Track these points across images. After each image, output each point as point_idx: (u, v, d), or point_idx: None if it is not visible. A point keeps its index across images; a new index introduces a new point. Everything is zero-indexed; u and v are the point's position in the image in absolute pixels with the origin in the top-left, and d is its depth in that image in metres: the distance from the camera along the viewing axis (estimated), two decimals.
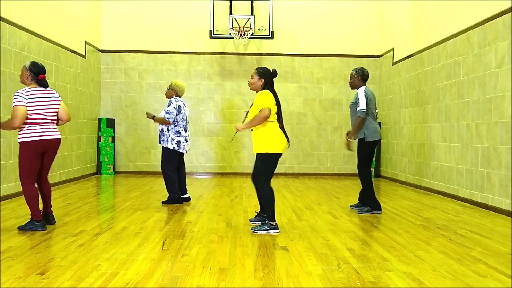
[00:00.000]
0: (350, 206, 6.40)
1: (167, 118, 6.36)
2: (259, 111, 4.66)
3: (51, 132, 4.77)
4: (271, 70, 4.89)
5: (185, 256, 3.82)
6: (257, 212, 5.23)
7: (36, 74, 4.73)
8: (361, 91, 5.88)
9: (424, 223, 5.38)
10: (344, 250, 4.08)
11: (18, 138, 4.66)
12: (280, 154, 4.78)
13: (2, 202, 6.34)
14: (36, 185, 4.90)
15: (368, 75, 6.06)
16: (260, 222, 4.97)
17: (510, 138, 5.89)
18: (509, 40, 5.97)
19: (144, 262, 3.64)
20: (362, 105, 5.78)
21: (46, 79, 4.86)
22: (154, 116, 6.58)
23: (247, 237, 4.54)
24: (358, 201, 6.33)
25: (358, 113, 5.80)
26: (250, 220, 5.23)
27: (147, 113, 6.72)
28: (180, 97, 6.63)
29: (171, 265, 3.57)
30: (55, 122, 4.88)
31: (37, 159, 4.70)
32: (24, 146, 4.63)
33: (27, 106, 4.58)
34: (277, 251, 4.03)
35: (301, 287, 3.12)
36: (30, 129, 4.63)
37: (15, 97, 4.57)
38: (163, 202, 6.53)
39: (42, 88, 4.75)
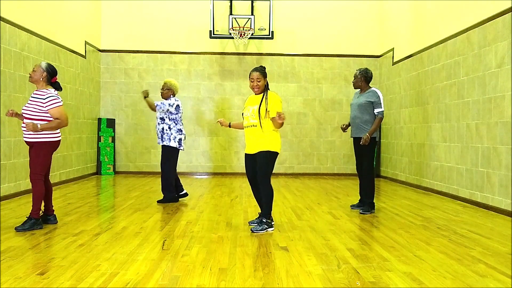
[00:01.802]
0: (351, 206, 6.40)
1: (157, 105, 6.39)
2: (283, 118, 4.70)
3: (60, 133, 4.99)
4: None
5: (185, 256, 3.82)
6: (259, 213, 5.18)
7: (52, 75, 4.85)
8: (379, 93, 6.03)
9: (424, 223, 5.38)
10: (344, 250, 4.08)
11: (37, 138, 4.71)
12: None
13: (2, 202, 6.34)
14: None
15: (371, 76, 6.20)
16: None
17: (510, 138, 5.89)
18: (509, 40, 5.97)
19: (144, 262, 3.64)
20: (383, 107, 6.00)
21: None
22: (148, 95, 6.54)
23: (247, 237, 4.54)
24: (358, 201, 6.36)
25: (379, 114, 5.94)
26: (250, 222, 5.17)
27: (144, 91, 6.58)
28: (174, 95, 6.62)
29: (171, 265, 3.57)
30: None
31: (51, 157, 4.89)
32: (47, 145, 4.76)
33: None
34: (277, 251, 4.03)
35: (301, 287, 3.12)
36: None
37: (55, 97, 4.73)
38: (159, 201, 6.54)
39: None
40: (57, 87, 4.92)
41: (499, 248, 4.24)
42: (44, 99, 4.69)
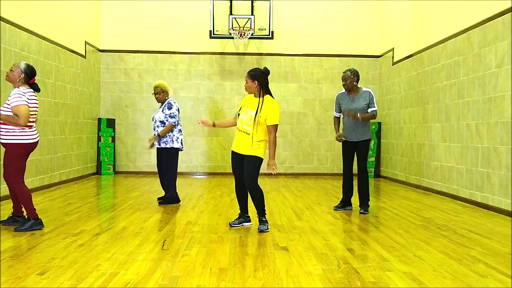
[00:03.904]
0: (334, 207, 6.30)
1: (173, 122, 6.29)
2: (274, 131, 4.71)
3: (37, 135, 4.82)
4: (262, 70, 4.84)
5: (185, 256, 3.82)
6: (240, 214, 5.14)
7: (30, 77, 4.75)
8: (372, 94, 6.01)
9: (424, 223, 5.38)
10: (344, 250, 4.08)
11: (9, 140, 4.59)
12: None
13: (2, 202, 6.34)
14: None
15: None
16: (245, 224, 5.07)
17: (510, 138, 5.89)
18: (509, 40, 5.97)
19: (144, 262, 3.64)
20: (376, 106, 5.99)
21: (36, 82, 4.87)
22: (158, 134, 6.30)
23: (247, 237, 4.54)
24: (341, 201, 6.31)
25: (373, 112, 5.94)
26: (232, 224, 5.05)
27: (151, 144, 6.38)
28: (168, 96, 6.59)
29: (171, 265, 3.57)
30: None
31: (26, 159, 4.74)
32: (17, 147, 4.61)
33: None
34: (277, 251, 4.04)
35: (301, 287, 3.12)
36: (25, 131, 4.64)
37: (19, 95, 4.55)
38: (160, 202, 6.51)
39: (34, 91, 4.79)
40: (35, 88, 4.78)
41: (499, 248, 4.24)
42: (11, 96, 4.59)
